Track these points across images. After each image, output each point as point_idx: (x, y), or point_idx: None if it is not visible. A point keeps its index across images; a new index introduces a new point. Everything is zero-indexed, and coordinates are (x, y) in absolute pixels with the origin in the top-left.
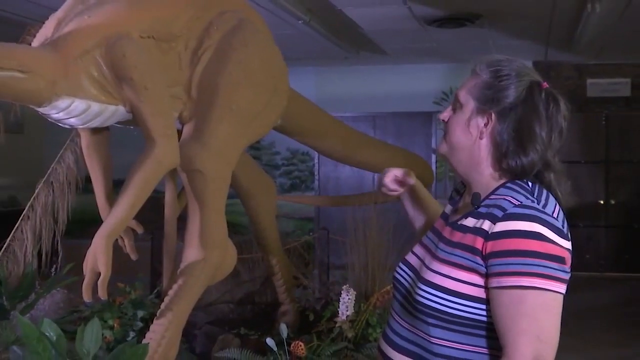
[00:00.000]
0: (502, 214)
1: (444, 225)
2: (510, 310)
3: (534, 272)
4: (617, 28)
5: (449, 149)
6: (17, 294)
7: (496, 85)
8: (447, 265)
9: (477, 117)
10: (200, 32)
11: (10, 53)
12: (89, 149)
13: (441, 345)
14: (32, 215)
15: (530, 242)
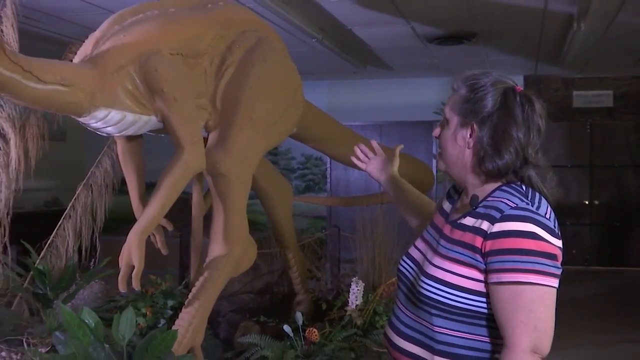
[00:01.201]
0: (500, 215)
1: (444, 222)
2: (508, 304)
3: (529, 268)
4: (600, 45)
5: (446, 165)
6: (59, 285)
7: (473, 98)
8: (448, 261)
9: (461, 130)
10: (223, 50)
11: (54, 69)
12: (124, 154)
13: (443, 334)
14: (73, 214)
15: (525, 241)
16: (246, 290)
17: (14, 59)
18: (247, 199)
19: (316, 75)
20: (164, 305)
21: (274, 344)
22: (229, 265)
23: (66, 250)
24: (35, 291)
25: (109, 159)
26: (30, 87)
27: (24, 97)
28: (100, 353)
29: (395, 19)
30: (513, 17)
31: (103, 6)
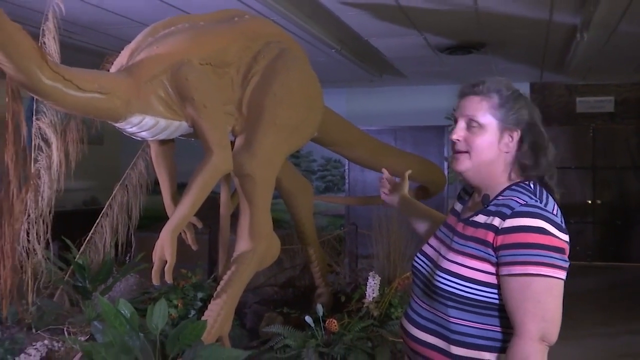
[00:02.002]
0: (511, 212)
1: (456, 221)
2: (518, 294)
3: (539, 261)
4: (602, 54)
5: (474, 166)
6: (97, 278)
7: (512, 107)
8: (462, 256)
9: (504, 135)
10: (249, 60)
11: (92, 78)
12: (157, 157)
13: (458, 324)
14: (110, 212)
15: (535, 235)
16: (270, 284)
17: (55, 69)
18: (271, 199)
19: (335, 83)
20: (194, 297)
21: (296, 334)
22: (255, 260)
23: (104, 245)
24: (75, 284)
25: (143, 161)
26: (70, 95)
27: (65, 104)
28: (135, 341)
29: (408, 31)
30: (519, 27)
31: (137, 20)
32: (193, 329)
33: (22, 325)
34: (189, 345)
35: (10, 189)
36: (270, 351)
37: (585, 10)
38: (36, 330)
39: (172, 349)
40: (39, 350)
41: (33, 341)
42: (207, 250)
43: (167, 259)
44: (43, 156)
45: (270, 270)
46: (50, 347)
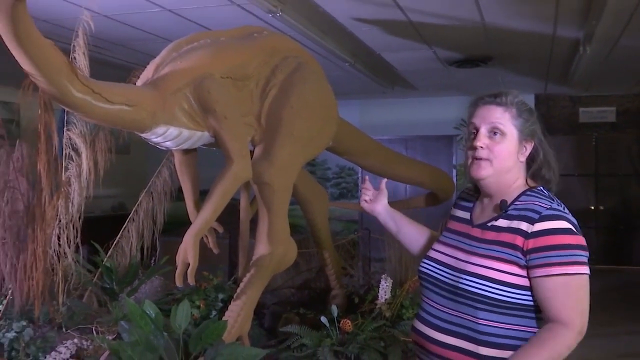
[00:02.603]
0: (538, 216)
1: (469, 227)
2: (560, 293)
3: (573, 261)
4: (604, 66)
5: (495, 172)
6: (124, 280)
7: (530, 120)
8: (488, 259)
9: (523, 144)
10: (268, 73)
11: (120, 91)
12: (180, 165)
13: (488, 326)
14: (136, 218)
15: (566, 237)
16: (287, 286)
17: (85, 82)
18: (288, 205)
19: (349, 95)
20: (215, 298)
21: (312, 333)
22: (273, 263)
23: (130, 249)
24: (103, 285)
25: (168, 169)
26: (99, 107)
27: (94, 116)
28: (159, 340)
29: (419, 45)
30: (524, 41)
31: (162, 36)
32: (214, 328)
33: (53, 324)
34: (211, 344)
35: (42, 195)
36: (287, 350)
37: (587, 25)
38: (66, 329)
39: (195, 348)
40: (69, 349)
41: (63, 340)
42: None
43: (190, 262)
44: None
45: (288, 273)
46: (80, 345)
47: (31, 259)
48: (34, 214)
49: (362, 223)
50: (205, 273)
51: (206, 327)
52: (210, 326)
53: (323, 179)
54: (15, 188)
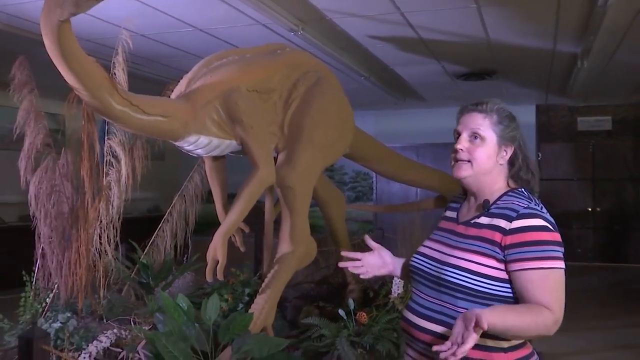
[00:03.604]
0: (516, 214)
1: (454, 224)
2: (538, 285)
3: (550, 256)
4: (600, 79)
5: (474, 173)
6: (159, 276)
7: (510, 126)
8: (468, 253)
9: (501, 149)
10: (290, 86)
11: (155, 103)
12: (210, 171)
13: None
14: (170, 219)
15: (541, 233)
16: (308, 281)
17: (124, 96)
18: (309, 207)
19: (365, 106)
20: (242, 293)
21: (331, 325)
22: (294, 260)
23: (164, 248)
24: (140, 280)
25: (199, 175)
26: (137, 118)
27: (132, 126)
28: (191, 331)
29: (428, 60)
30: (526, 56)
31: (194, 53)
32: (241, 320)
33: (95, 316)
34: (238, 334)
35: (85, 199)
36: (307, 340)
37: (585, 41)
38: (106, 320)
39: (223, 338)
40: (109, 338)
41: (104, 330)
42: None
43: (219, 259)
44: (113, 170)
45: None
46: (119, 335)
47: (75, 256)
48: (77, 215)
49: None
50: (233, 269)
51: (234, 319)
52: (237, 318)
53: (341, 183)
54: (61, 192)
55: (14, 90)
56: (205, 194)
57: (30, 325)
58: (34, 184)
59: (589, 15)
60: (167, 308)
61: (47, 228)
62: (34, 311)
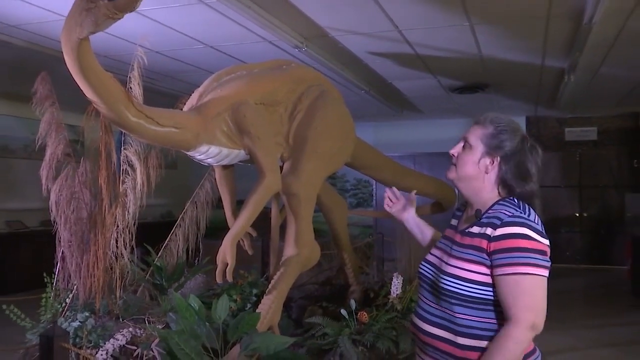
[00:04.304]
0: (500, 222)
1: (454, 233)
2: (512, 291)
3: (526, 262)
4: (586, 92)
5: (458, 177)
6: (172, 277)
7: (499, 137)
8: (462, 261)
9: (485, 158)
10: (295, 99)
11: (169, 115)
12: (220, 179)
13: (463, 319)
14: (182, 224)
15: (521, 241)
16: (312, 282)
17: (139, 108)
18: (312, 212)
19: (365, 118)
20: (250, 293)
21: (334, 324)
22: (299, 263)
23: (177, 251)
24: (154, 282)
25: (209, 182)
26: (151, 129)
27: (147, 137)
28: (202, 329)
29: (425, 74)
30: (517, 71)
31: (204, 68)
32: (249, 319)
33: (112, 315)
34: (246, 332)
35: (103, 205)
36: (312, 338)
37: (571, 57)
38: (122, 319)
39: (232, 336)
40: (124, 336)
41: (120, 328)
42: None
43: (229, 262)
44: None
45: (312, 271)
46: (134, 333)
47: (93, 259)
48: (95, 220)
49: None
50: (241, 271)
51: (242, 318)
52: (245, 317)
53: (342, 190)
54: (80, 199)
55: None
56: (215, 201)
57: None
58: (55, 192)
59: (575, 32)
60: (180, 308)
61: (67, 232)
62: (55, 311)
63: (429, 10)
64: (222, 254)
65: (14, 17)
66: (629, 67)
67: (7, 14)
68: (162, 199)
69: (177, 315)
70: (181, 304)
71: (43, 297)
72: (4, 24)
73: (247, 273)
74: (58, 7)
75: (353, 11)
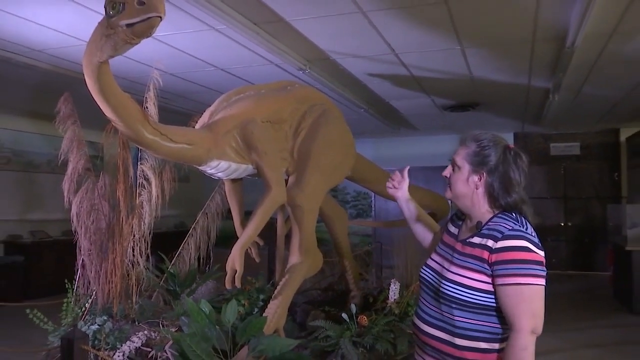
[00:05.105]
0: (501, 235)
1: (455, 241)
2: (513, 299)
3: (526, 273)
4: (569, 110)
5: (453, 196)
6: (184, 284)
7: (481, 153)
8: (463, 269)
9: (472, 176)
10: (299, 118)
11: (182, 132)
12: (229, 192)
13: (461, 322)
14: (194, 233)
15: (521, 253)
16: (315, 288)
17: (155, 126)
18: (315, 223)
19: (364, 134)
20: (257, 298)
21: (335, 327)
22: (303, 270)
23: (189, 259)
24: (168, 288)
25: (219, 195)
26: (166, 145)
27: (162, 153)
28: (212, 332)
29: (420, 94)
30: (505, 90)
31: (215, 89)
32: (256, 322)
33: (128, 319)
34: (254, 335)
35: (120, 216)
36: (315, 340)
37: (556, 77)
38: (138, 323)
39: (241, 338)
40: (140, 339)
41: (136, 331)
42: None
43: (237, 269)
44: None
45: (315, 278)
46: (149, 336)
47: (111, 267)
48: (113, 230)
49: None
50: (249, 278)
51: (250, 322)
52: (253, 321)
53: (343, 202)
54: (99, 210)
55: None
56: (225, 212)
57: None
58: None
59: (559, 55)
60: (192, 312)
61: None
62: (75, 315)
63: (423, 36)
64: (231, 262)
65: (39, 42)
66: (609, 87)
67: (33, 40)
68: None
69: (189, 319)
70: (193, 308)
71: (64, 301)
72: (30, 48)
73: (255, 279)
74: (79, 32)
75: (353, 36)
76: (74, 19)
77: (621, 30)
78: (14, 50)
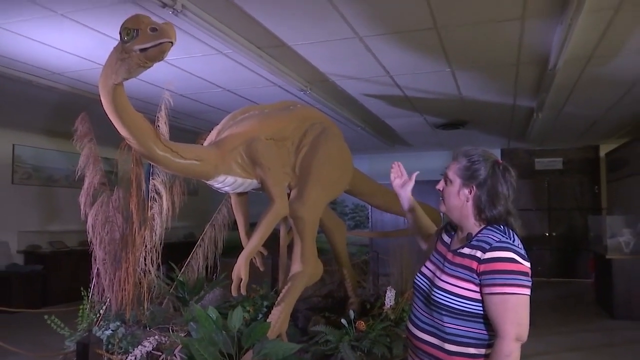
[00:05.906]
0: (489, 246)
1: (447, 251)
2: (499, 307)
3: (512, 283)
4: (552, 128)
5: (446, 209)
6: (193, 291)
7: (471, 168)
8: (453, 278)
9: (463, 189)
10: (300, 135)
11: (191, 149)
12: (235, 204)
13: (451, 328)
14: (202, 244)
15: (508, 264)
16: (315, 295)
17: (166, 143)
18: (316, 234)
19: (361, 151)
20: (261, 305)
21: (335, 332)
22: (304, 278)
23: (198, 267)
24: (177, 295)
25: (226, 207)
26: (176, 162)
27: (172, 168)
28: (219, 337)
29: (413, 113)
30: (492, 109)
31: (222, 109)
32: (261, 328)
33: (140, 324)
34: (258, 339)
35: (133, 227)
36: (315, 345)
37: (539, 97)
38: (149, 328)
39: (246, 343)
40: (151, 343)
41: (147, 336)
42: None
43: (243, 277)
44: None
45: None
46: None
47: (124, 275)
48: (127, 241)
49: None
50: (253, 286)
51: (254, 327)
52: (257, 326)
53: (342, 214)
54: (113, 222)
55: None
56: (231, 223)
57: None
58: (92, 216)
59: (542, 77)
60: (200, 318)
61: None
62: (90, 320)
63: (416, 59)
64: (237, 271)
65: (59, 65)
66: (589, 107)
67: (53, 63)
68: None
69: (197, 325)
70: (201, 314)
71: (80, 308)
72: (49, 71)
73: (259, 287)
74: (96, 56)
75: (351, 60)
76: (92, 44)
77: (598, 54)
78: (35, 73)
